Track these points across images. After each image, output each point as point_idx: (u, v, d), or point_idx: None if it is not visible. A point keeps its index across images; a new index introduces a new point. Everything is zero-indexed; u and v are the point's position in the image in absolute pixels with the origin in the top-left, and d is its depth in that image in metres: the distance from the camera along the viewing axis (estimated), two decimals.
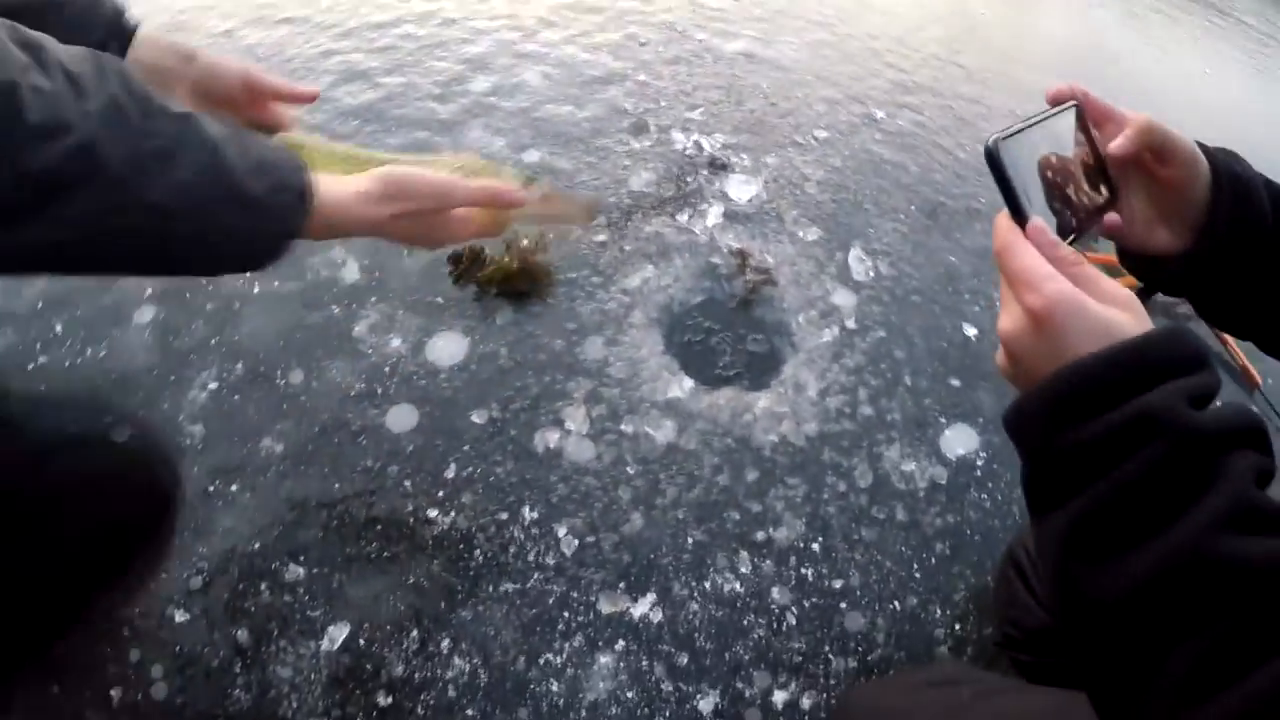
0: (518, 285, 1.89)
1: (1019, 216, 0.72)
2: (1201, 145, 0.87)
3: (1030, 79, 3.38)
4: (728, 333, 1.95)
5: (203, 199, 0.80)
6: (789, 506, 1.65)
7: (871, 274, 2.17)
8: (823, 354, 1.93)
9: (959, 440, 1.84)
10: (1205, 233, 0.86)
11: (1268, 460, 0.60)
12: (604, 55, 2.83)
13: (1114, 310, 0.65)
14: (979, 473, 1.80)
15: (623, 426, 1.71)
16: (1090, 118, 0.86)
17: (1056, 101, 0.85)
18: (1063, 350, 0.64)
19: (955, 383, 1.96)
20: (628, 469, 1.65)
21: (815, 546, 1.61)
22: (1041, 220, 0.72)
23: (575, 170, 2.29)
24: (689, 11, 3.22)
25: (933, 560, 1.64)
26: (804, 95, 2.85)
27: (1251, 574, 0.53)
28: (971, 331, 2.09)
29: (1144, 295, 0.90)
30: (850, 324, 2.02)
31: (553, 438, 1.67)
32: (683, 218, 2.19)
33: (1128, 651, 0.58)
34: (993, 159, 0.72)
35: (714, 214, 2.23)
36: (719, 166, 2.41)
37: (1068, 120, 0.83)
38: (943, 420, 1.87)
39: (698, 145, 2.47)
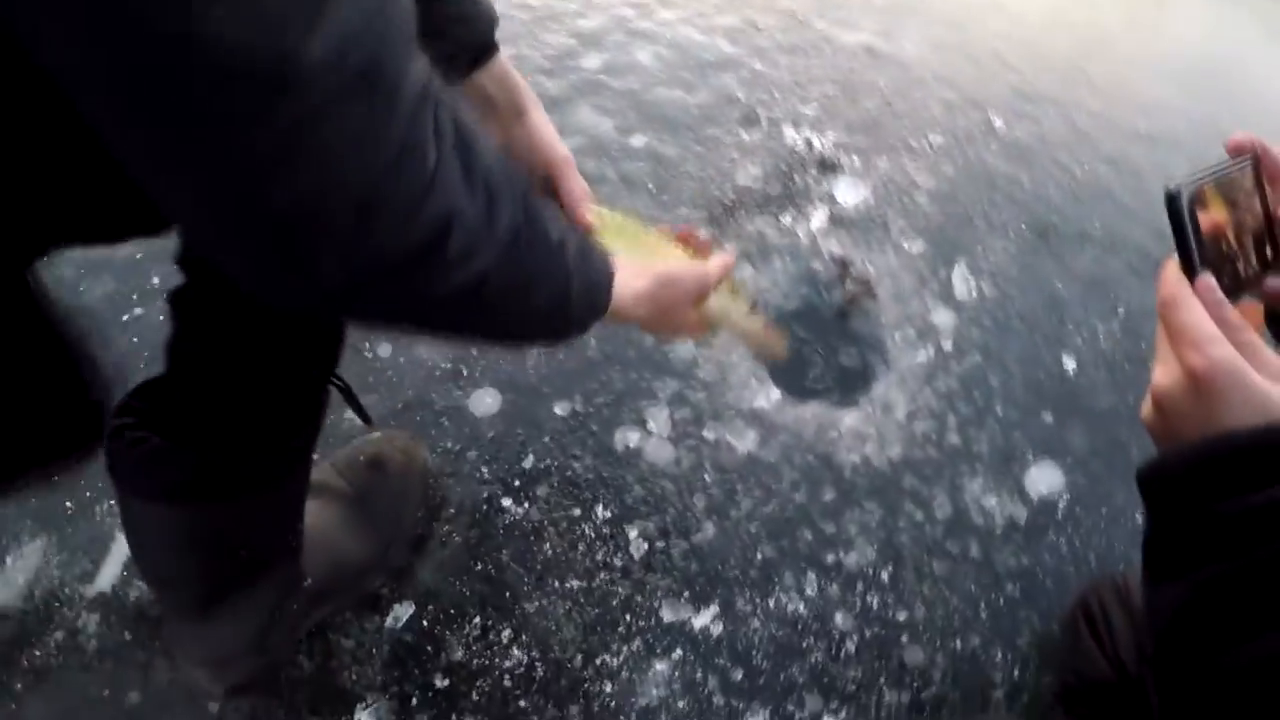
0: None
1: (1189, 268, 0.70)
2: None
3: (1158, 94, 3.28)
4: (821, 344, 1.95)
5: (540, 321, 0.86)
6: (863, 531, 1.66)
7: (974, 294, 2.15)
8: (916, 375, 1.93)
9: (1044, 479, 1.82)
10: None
11: None
12: (720, 39, 2.82)
13: (1278, 388, 0.64)
14: (1060, 516, 1.78)
15: (705, 432, 1.73)
16: (1266, 173, 0.80)
17: (1236, 152, 0.79)
18: (1217, 418, 0.63)
19: (1048, 418, 1.94)
20: (705, 476, 1.67)
21: (884, 575, 1.61)
22: (1211, 277, 0.69)
23: (681, 159, 2.30)
24: None
25: (1001, 601, 1.63)
26: (922, 96, 2.81)
27: None
28: (1070, 364, 2.06)
29: None
30: (947, 346, 2.01)
31: (633, 437, 1.69)
32: (786, 219, 2.19)
33: None
34: (1174, 204, 0.70)
35: (819, 217, 2.23)
36: (828, 167, 2.39)
37: (1243, 173, 0.78)
38: (1030, 456, 1.85)
39: (808, 142, 2.47)
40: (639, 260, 1.06)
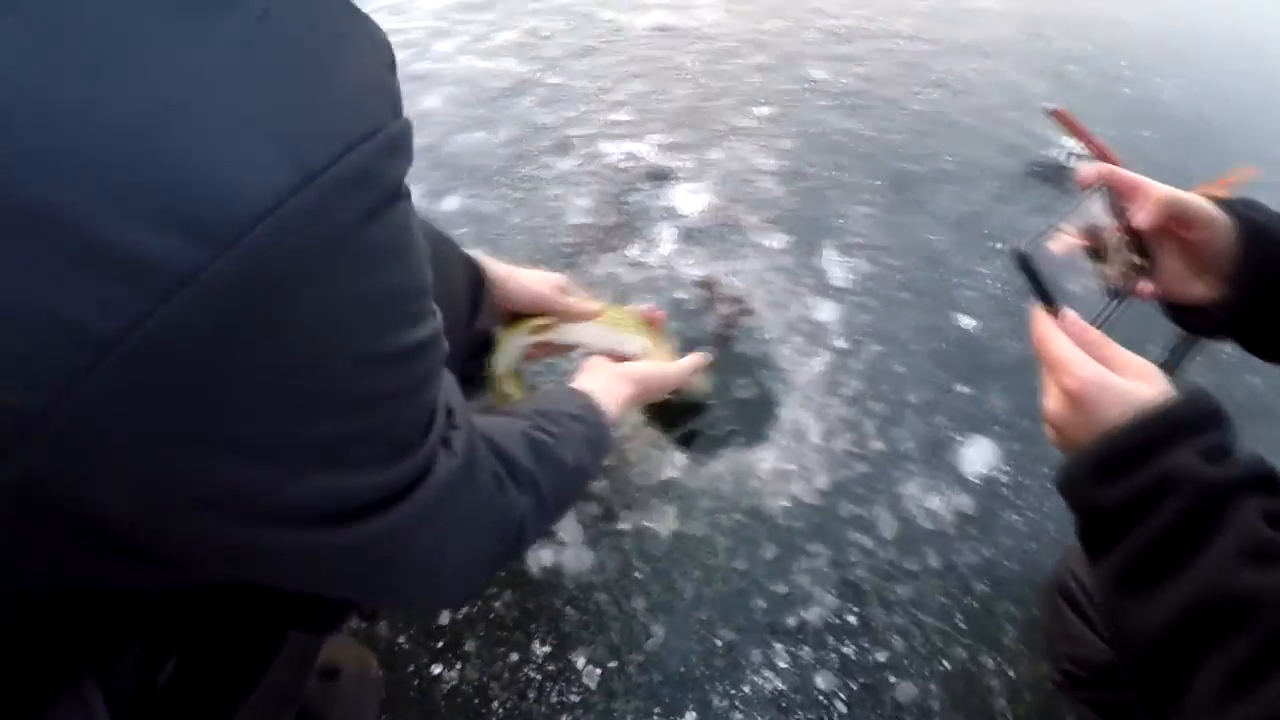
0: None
1: (1051, 308, 0.87)
2: (1220, 200, 1.02)
3: (971, 3, 3.36)
4: (710, 381, 1.91)
5: (581, 491, 1.21)
6: (816, 579, 1.65)
7: (852, 276, 2.17)
8: (818, 386, 1.93)
9: (979, 456, 1.85)
10: (1235, 281, 1.02)
11: (1277, 501, 0.74)
12: (506, 60, 2.78)
13: (1138, 383, 0.81)
14: (1006, 490, 1.81)
15: (620, 525, 1.69)
16: (1118, 193, 1.01)
17: (1085, 186, 1.00)
18: (1097, 422, 0.80)
19: (963, 389, 1.97)
20: (636, 574, 1.63)
21: (851, 619, 1.61)
22: (1071, 311, 0.86)
23: (504, 212, 2.25)
24: None
25: (975, 604, 1.65)
26: (733, 67, 2.82)
27: (1259, 600, 0.67)
28: (968, 323, 2.10)
29: (1190, 340, 1.15)
30: (840, 343, 2.01)
31: (546, 556, 1.64)
32: (634, 250, 2.17)
33: (1167, 674, 0.72)
34: (1025, 264, 0.86)
35: (666, 237, 2.21)
36: (659, 176, 2.38)
37: (1100, 200, 0.99)
38: (958, 438, 1.88)
39: (631, 155, 2.44)
40: (616, 342, 1.55)
